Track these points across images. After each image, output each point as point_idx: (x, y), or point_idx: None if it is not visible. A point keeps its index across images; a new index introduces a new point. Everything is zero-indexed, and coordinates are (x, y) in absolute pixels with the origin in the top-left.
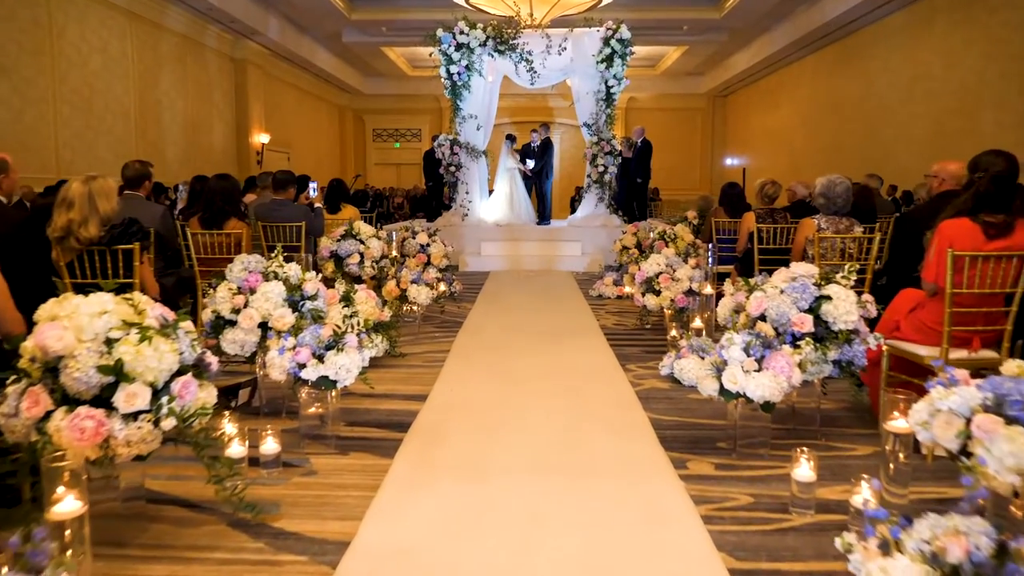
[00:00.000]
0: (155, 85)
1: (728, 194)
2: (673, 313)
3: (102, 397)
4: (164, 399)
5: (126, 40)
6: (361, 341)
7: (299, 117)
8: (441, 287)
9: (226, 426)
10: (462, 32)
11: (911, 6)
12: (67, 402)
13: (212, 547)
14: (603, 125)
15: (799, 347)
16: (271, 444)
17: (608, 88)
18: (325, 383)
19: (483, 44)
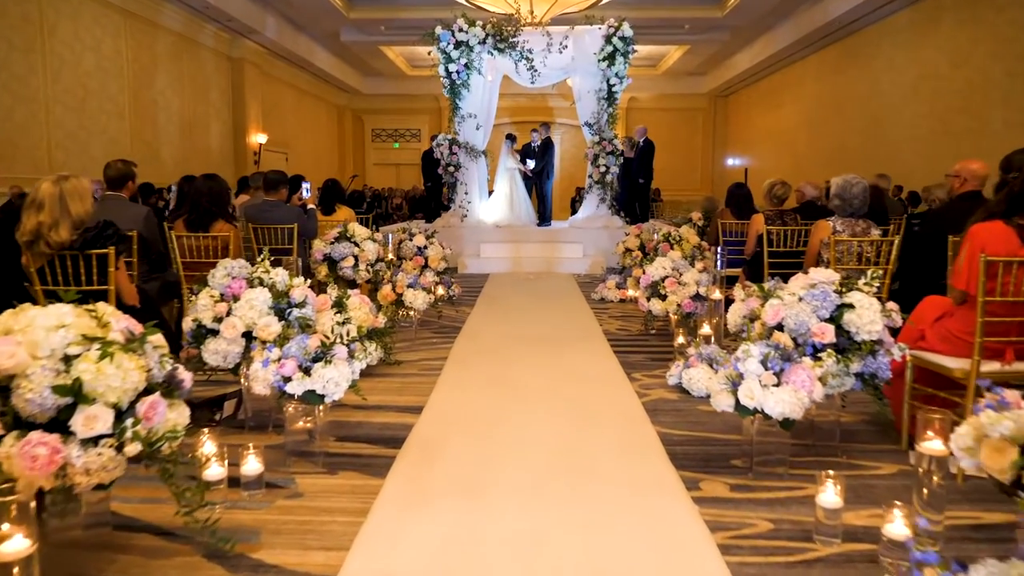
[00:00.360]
0: (150, 84)
1: (735, 195)
2: (679, 319)
3: (59, 420)
4: (128, 422)
5: (120, 38)
6: (352, 352)
7: (297, 117)
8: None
9: (205, 444)
10: (461, 30)
11: (916, 5)
12: (19, 426)
13: None
14: (605, 124)
15: (820, 359)
16: (253, 464)
17: (610, 87)
18: (312, 398)
19: (482, 42)
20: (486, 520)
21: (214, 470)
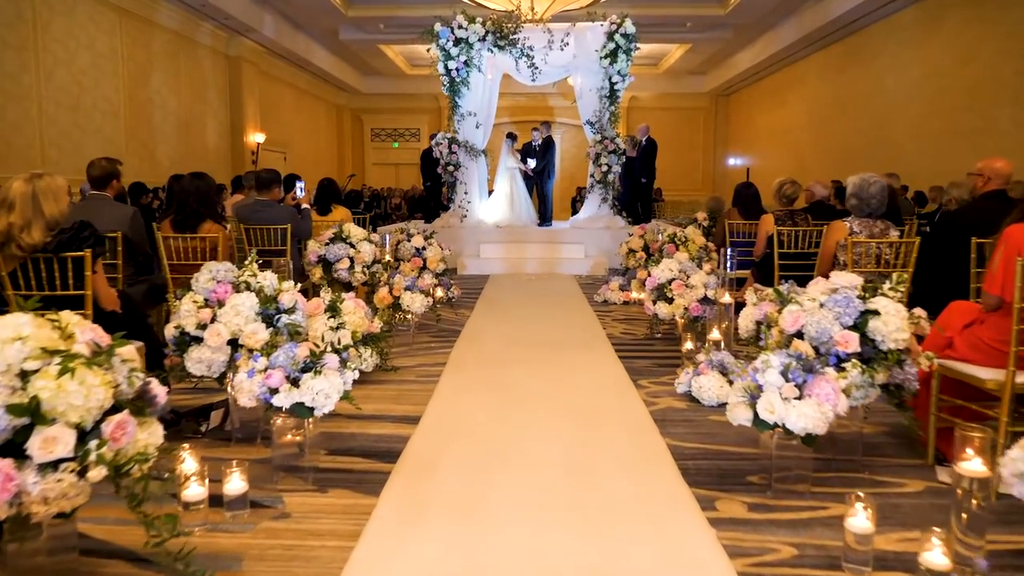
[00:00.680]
0: (146, 83)
1: (743, 194)
2: (686, 322)
3: (14, 443)
4: (92, 444)
5: (115, 36)
6: (344, 361)
7: (296, 116)
8: (438, 293)
9: (185, 461)
10: (460, 27)
11: (921, 2)
12: None
13: None
14: (606, 123)
15: (844, 370)
16: (236, 483)
17: (612, 84)
18: (301, 411)
19: (482, 39)
20: (485, 544)
21: (194, 490)
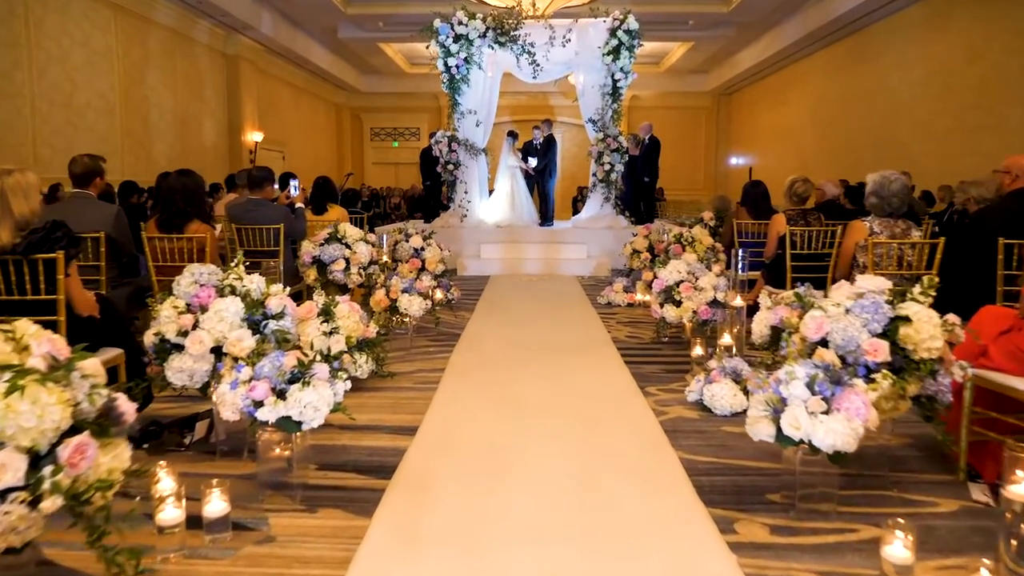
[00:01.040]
0: (142, 81)
1: (751, 193)
2: (695, 326)
3: None
4: (47, 470)
5: (110, 33)
6: (335, 371)
7: (294, 115)
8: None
9: (161, 479)
10: (460, 23)
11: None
12: None
13: None
14: (609, 121)
15: (874, 381)
16: (217, 503)
17: (615, 82)
18: (288, 425)
19: (483, 35)
20: (485, 571)
21: (169, 513)
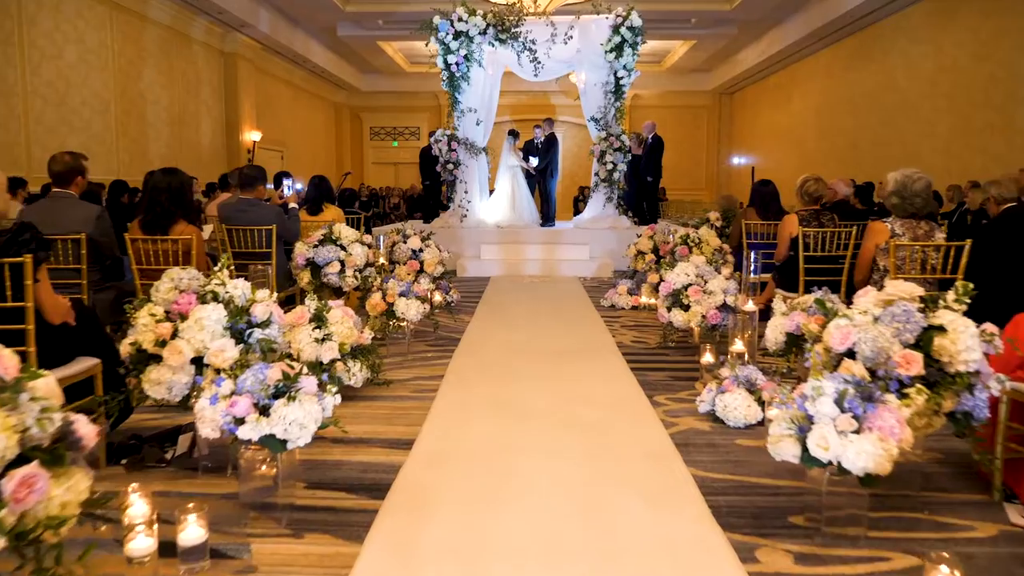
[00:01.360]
0: (137, 79)
1: (761, 192)
2: (703, 331)
3: None
4: None
5: (105, 31)
6: (323, 385)
7: (293, 114)
8: (436, 297)
9: (133, 504)
10: (460, 19)
11: None
12: None
13: None
14: (612, 119)
15: (907, 396)
16: (194, 530)
17: (617, 79)
18: (272, 444)
19: (483, 32)
20: None
21: (140, 542)
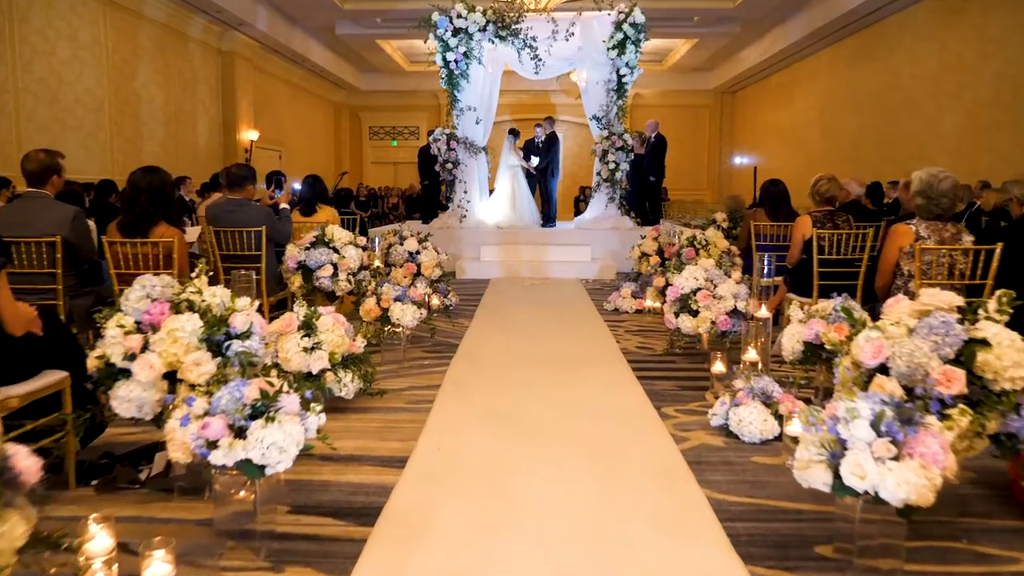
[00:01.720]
0: (132, 77)
1: (770, 192)
2: (712, 338)
3: None
4: None
5: (99, 28)
6: (307, 402)
7: (291, 114)
8: (434, 301)
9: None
10: (460, 16)
11: None
12: None
13: None
14: (614, 118)
15: (949, 417)
16: (159, 568)
17: (620, 77)
18: (249, 469)
19: (483, 29)
20: None
21: None
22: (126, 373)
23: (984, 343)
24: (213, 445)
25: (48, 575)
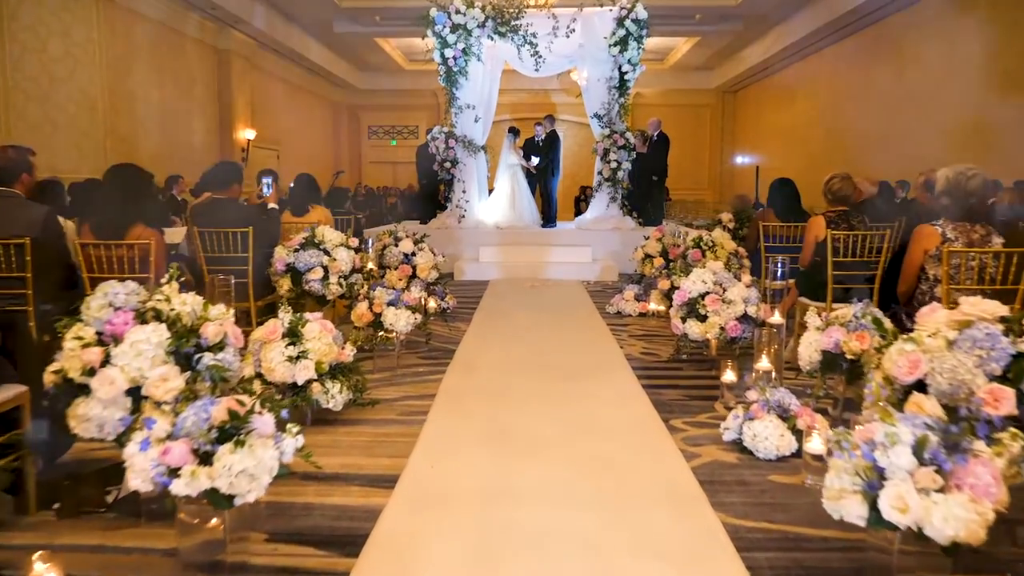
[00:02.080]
0: (127, 75)
1: (780, 192)
2: (721, 344)
3: None
4: None
5: (92, 25)
6: (283, 422)
7: (289, 113)
8: (430, 304)
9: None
10: (458, 12)
11: None
12: None
13: None
14: (615, 116)
15: (998, 442)
16: None
17: (622, 75)
18: (216, 499)
19: (482, 25)
20: None
21: None
22: (85, 390)
23: None
24: (175, 473)
25: None
